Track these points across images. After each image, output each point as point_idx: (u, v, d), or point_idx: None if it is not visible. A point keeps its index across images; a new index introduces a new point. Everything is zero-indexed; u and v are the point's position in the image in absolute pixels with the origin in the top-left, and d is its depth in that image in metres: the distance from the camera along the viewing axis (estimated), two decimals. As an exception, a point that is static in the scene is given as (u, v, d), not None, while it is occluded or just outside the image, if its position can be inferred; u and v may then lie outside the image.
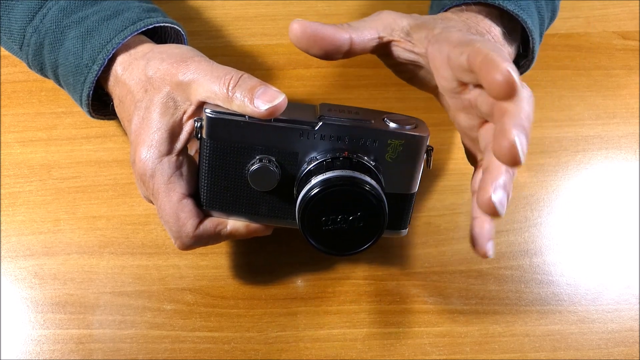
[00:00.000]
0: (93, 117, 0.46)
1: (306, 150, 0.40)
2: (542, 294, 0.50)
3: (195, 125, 0.40)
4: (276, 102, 0.38)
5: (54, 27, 0.43)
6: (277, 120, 0.39)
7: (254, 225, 0.44)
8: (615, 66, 0.57)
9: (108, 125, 0.53)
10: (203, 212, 0.43)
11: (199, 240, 0.43)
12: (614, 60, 0.57)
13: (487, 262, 0.51)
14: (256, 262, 0.50)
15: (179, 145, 0.42)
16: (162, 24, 0.45)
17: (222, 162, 0.41)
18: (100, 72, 0.43)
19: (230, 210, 0.43)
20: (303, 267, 0.50)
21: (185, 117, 0.42)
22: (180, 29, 0.47)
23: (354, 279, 0.50)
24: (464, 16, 0.44)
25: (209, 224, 0.43)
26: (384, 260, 0.51)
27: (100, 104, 0.47)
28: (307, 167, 0.40)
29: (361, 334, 0.49)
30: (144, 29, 0.44)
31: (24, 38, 0.44)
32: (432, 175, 0.53)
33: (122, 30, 0.43)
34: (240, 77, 0.40)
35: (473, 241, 0.39)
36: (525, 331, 0.49)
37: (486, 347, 0.49)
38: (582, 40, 0.57)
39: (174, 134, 0.41)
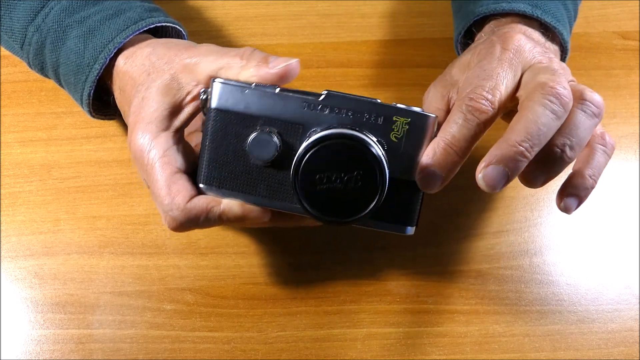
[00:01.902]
0: (93, 116, 0.46)
1: (310, 123, 0.39)
2: (542, 294, 0.50)
3: (201, 97, 0.41)
4: (291, 61, 0.39)
5: (56, 26, 0.43)
6: (282, 90, 0.39)
7: (249, 207, 0.42)
8: (615, 66, 0.57)
9: (108, 125, 0.53)
10: (196, 190, 0.41)
11: (190, 216, 0.41)
12: (614, 60, 0.57)
13: (487, 262, 0.51)
14: (256, 262, 0.50)
15: (177, 123, 0.41)
16: (163, 24, 0.45)
17: (224, 134, 0.40)
18: (101, 71, 0.43)
19: (227, 186, 0.41)
20: (303, 267, 0.50)
21: (188, 99, 0.41)
22: (181, 29, 0.47)
23: (354, 279, 0.50)
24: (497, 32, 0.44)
25: (202, 199, 0.41)
26: (384, 260, 0.51)
27: (101, 104, 0.47)
28: (308, 140, 0.39)
29: (361, 334, 0.49)
30: (145, 29, 0.44)
31: (25, 37, 0.44)
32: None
33: (124, 30, 0.43)
34: (253, 49, 0.41)
35: (559, 191, 0.40)
36: (525, 331, 0.49)
37: (486, 347, 0.49)
38: (582, 40, 0.57)
39: (174, 113, 0.41)
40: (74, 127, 0.53)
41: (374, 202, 0.38)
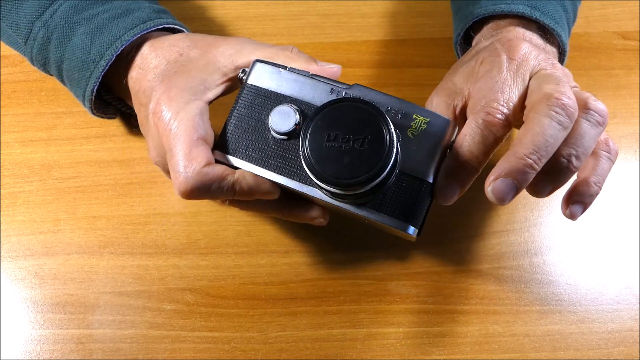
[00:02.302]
0: (94, 114, 0.46)
1: None
2: (542, 294, 0.50)
3: (239, 75, 0.43)
4: (336, 65, 0.44)
5: (64, 22, 0.44)
6: (314, 75, 0.41)
7: (261, 179, 0.42)
8: (615, 66, 0.57)
9: (108, 125, 0.53)
10: (213, 160, 0.42)
11: (203, 181, 0.40)
12: (614, 60, 0.57)
13: (487, 262, 0.51)
14: (256, 262, 0.50)
15: (210, 94, 0.43)
16: (171, 25, 0.46)
17: (251, 106, 0.42)
18: (107, 67, 0.43)
19: (242, 155, 0.42)
20: (303, 267, 0.50)
21: (223, 79, 0.43)
22: (187, 31, 0.47)
23: (354, 279, 0.50)
24: (496, 38, 0.44)
25: (218, 167, 0.41)
26: (384, 260, 0.51)
27: (102, 103, 0.47)
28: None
29: (361, 334, 0.49)
30: (153, 29, 0.44)
31: (30, 32, 0.45)
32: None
33: (131, 29, 0.43)
34: (299, 50, 0.44)
35: (564, 199, 0.41)
36: (525, 331, 0.49)
37: (486, 347, 0.49)
38: (582, 40, 0.57)
39: (207, 88, 0.42)
40: (74, 127, 0.53)
41: (375, 169, 0.37)
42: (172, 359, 0.48)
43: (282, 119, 0.40)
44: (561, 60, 0.47)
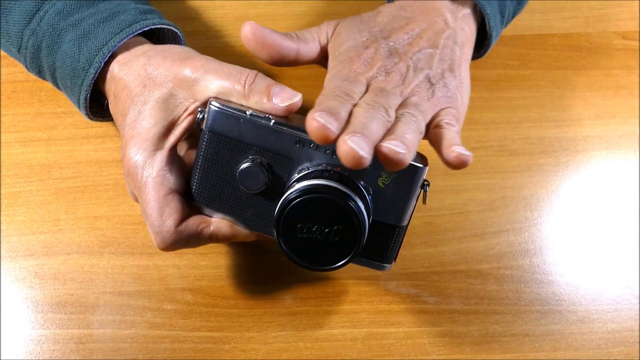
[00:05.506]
0: (91, 119, 0.46)
1: (300, 159, 0.40)
2: (542, 294, 0.50)
3: (198, 116, 0.41)
4: (294, 99, 0.40)
5: (51, 29, 0.43)
6: (276, 123, 0.39)
7: (237, 228, 0.43)
8: (615, 66, 0.57)
9: (108, 125, 0.53)
10: (187, 211, 0.42)
11: (180, 238, 0.42)
12: (614, 60, 0.57)
13: (487, 262, 0.51)
14: (256, 262, 0.50)
15: (173, 138, 0.42)
16: (158, 26, 0.45)
17: (216, 157, 0.41)
18: (97, 74, 0.43)
19: (216, 207, 0.42)
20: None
21: (184, 115, 0.42)
22: (177, 30, 0.46)
23: (354, 279, 0.50)
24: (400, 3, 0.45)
25: (192, 221, 0.42)
26: (384, 260, 0.51)
27: (99, 105, 0.47)
28: (296, 177, 0.40)
29: (361, 334, 0.49)
30: (139, 31, 0.43)
31: (21, 41, 0.44)
32: (432, 175, 0.53)
33: (118, 33, 0.43)
34: (256, 75, 0.41)
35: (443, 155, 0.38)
36: (525, 331, 0.49)
37: (486, 347, 0.49)
38: (582, 40, 0.57)
39: (170, 129, 0.42)
40: (74, 127, 0.53)
41: (349, 257, 0.38)
42: (172, 359, 0.48)
43: (250, 179, 0.40)
44: (488, 28, 0.46)
